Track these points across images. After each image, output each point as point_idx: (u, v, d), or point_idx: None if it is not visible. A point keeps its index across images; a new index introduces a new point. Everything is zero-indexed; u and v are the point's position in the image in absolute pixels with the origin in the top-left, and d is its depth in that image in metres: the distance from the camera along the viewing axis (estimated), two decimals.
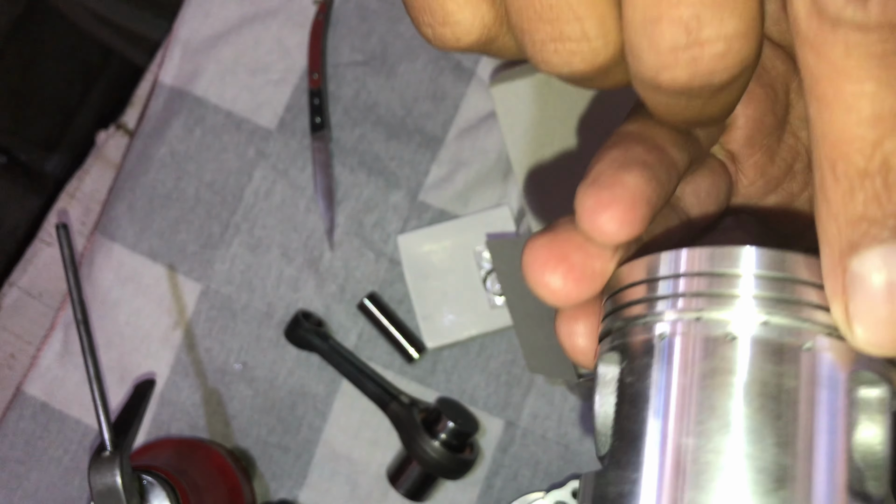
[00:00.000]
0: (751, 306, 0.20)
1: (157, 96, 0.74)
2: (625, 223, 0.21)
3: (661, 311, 0.21)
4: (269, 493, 0.68)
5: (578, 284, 0.23)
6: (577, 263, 0.22)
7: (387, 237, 0.71)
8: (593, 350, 0.24)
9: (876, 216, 0.17)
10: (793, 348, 0.19)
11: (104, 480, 0.52)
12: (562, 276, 0.22)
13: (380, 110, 0.73)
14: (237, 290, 0.71)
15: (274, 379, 0.69)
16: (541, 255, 0.23)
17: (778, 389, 0.19)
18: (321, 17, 0.74)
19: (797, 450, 0.18)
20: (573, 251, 0.22)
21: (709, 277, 0.20)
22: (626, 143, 0.23)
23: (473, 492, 0.67)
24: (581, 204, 0.22)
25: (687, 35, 0.17)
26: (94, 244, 0.73)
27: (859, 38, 0.15)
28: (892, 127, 0.16)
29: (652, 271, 0.22)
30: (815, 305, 0.19)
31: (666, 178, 0.23)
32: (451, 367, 0.69)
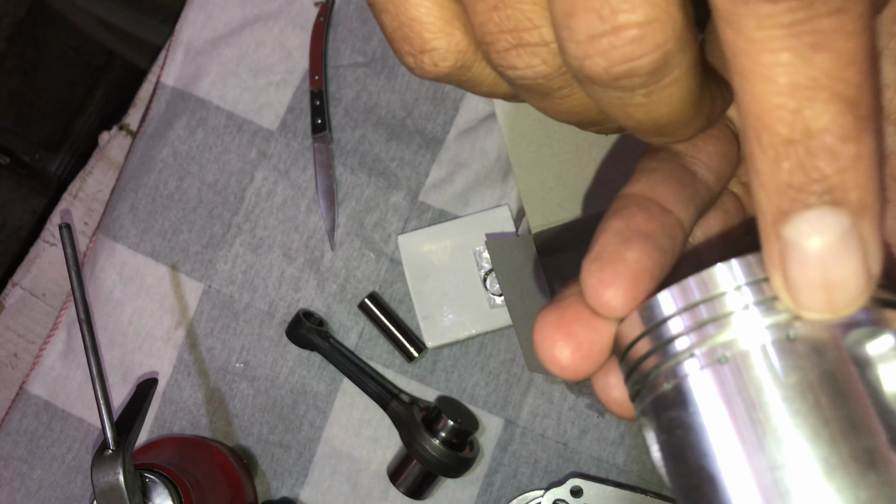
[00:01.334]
0: (747, 317, 0.19)
1: (159, 98, 0.75)
2: (628, 299, 0.22)
3: (671, 356, 0.21)
4: (270, 491, 0.69)
5: (586, 360, 0.23)
6: (585, 341, 0.23)
7: (387, 237, 0.71)
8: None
9: (802, 183, 0.17)
10: (791, 341, 0.19)
11: (107, 478, 0.52)
12: (570, 352, 0.23)
13: (380, 111, 0.73)
14: (239, 289, 0.71)
15: (275, 378, 0.70)
16: (549, 331, 0.23)
17: (806, 385, 0.18)
18: (322, 18, 0.74)
19: (848, 432, 0.18)
20: (580, 329, 0.23)
21: (695, 308, 0.20)
22: (629, 212, 0.24)
23: (473, 490, 0.68)
24: (586, 282, 0.22)
25: (601, 23, 0.17)
26: (96, 244, 0.73)
27: (769, 9, 0.16)
28: (809, 95, 0.16)
29: (647, 321, 0.22)
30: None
31: (670, 244, 0.23)
32: (450, 366, 0.69)
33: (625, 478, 0.67)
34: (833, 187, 0.17)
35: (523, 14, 0.19)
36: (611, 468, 0.67)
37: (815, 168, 0.17)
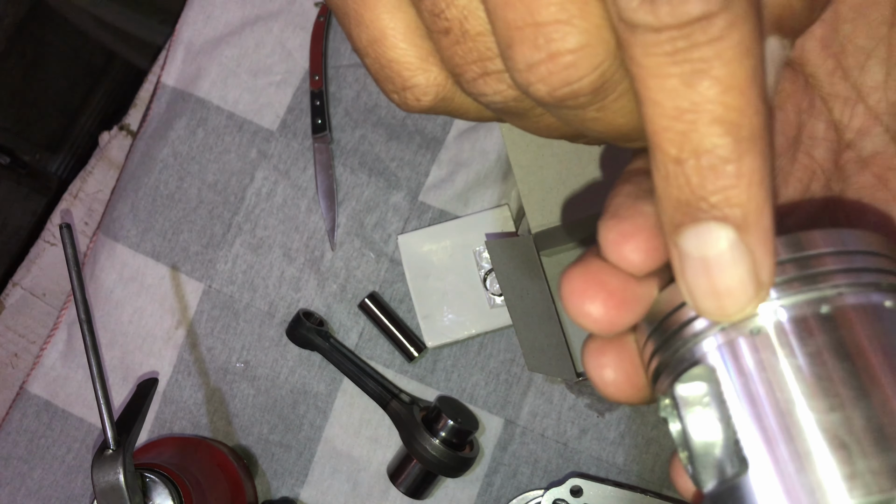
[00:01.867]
0: (834, 281, 0.20)
1: (159, 98, 0.75)
2: (650, 251, 0.22)
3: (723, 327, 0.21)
4: (270, 491, 0.69)
5: (620, 310, 0.23)
6: (617, 288, 0.23)
7: (387, 237, 0.71)
8: (621, 382, 0.24)
9: (690, 199, 0.18)
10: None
11: (107, 478, 0.52)
12: (602, 302, 0.22)
13: (380, 112, 0.73)
14: (239, 289, 0.71)
15: (275, 378, 0.70)
16: (578, 284, 0.23)
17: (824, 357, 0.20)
18: (322, 18, 0.74)
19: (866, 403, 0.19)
20: (610, 277, 0.23)
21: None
22: (637, 178, 0.24)
23: (473, 489, 0.68)
24: (605, 237, 0.22)
25: (537, 52, 0.19)
26: (97, 244, 0.73)
27: (653, 38, 0.17)
28: (692, 119, 0.18)
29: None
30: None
31: None
32: (450, 365, 0.69)
33: (624, 477, 0.67)
34: (718, 204, 0.18)
35: (483, 45, 0.21)
36: (610, 468, 0.67)
37: (700, 186, 0.18)
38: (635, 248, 0.22)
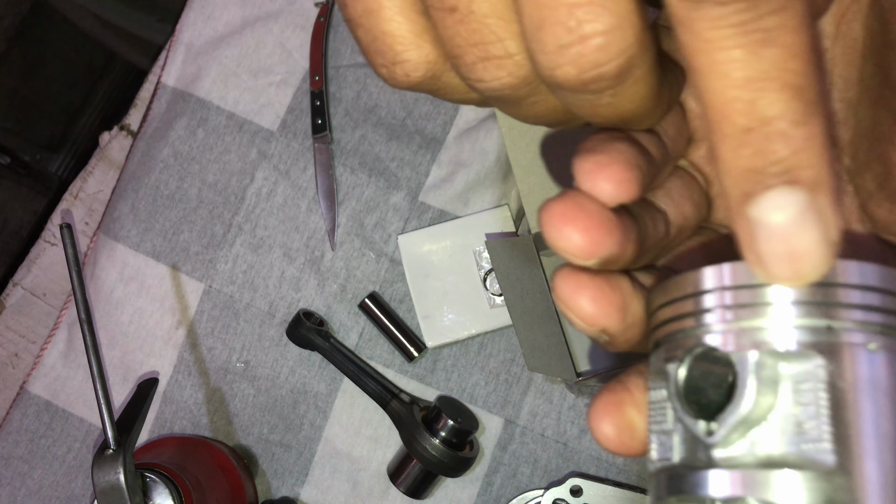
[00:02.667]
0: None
1: (159, 98, 0.75)
2: (623, 182, 0.23)
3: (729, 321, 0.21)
4: (270, 491, 0.69)
5: (599, 231, 0.23)
6: (595, 211, 0.23)
7: (387, 237, 0.71)
8: (600, 314, 0.25)
9: (761, 166, 0.19)
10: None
11: (107, 478, 0.52)
12: (582, 225, 0.23)
13: (380, 112, 0.73)
14: (239, 289, 0.71)
15: (276, 377, 0.70)
16: (557, 209, 0.23)
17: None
18: (322, 19, 0.74)
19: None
20: (588, 202, 0.23)
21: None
22: (606, 132, 0.25)
23: (473, 489, 0.68)
24: (580, 168, 0.23)
25: (568, 34, 0.19)
26: (97, 244, 0.73)
27: (719, 12, 0.17)
28: (762, 86, 0.18)
29: (717, 281, 0.22)
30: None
31: (647, 157, 0.25)
32: (450, 365, 0.69)
33: (624, 477, 0.67)
34: (789, 168, 0.18)
35: (488, 28, 0.21)
36: (610, 467, 0.67)
37: (771, 152, 0.18)
38: (609, 177, 0.23)
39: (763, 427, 0.21)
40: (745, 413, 0.21)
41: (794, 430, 0.20)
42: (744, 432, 0.21)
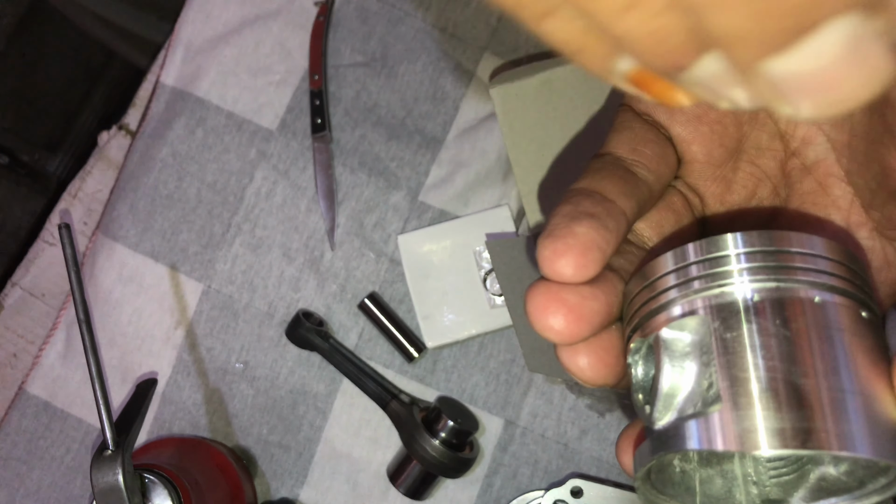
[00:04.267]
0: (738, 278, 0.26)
1: (158, 97, 0.75)
2: (578, 267, 0.26)
3: (737, 281, 0.25)
4: (270, 492, 0.69)
5: (578, 323, 0.26)
6: (575, 304, 0.26)
7: (387, 237, 0.71)
8: (595, 365, 0.28)
9: None
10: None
11: (106, 479, 0.52)
12: (563, 317, 0.26)
13: (380, 111, 0.73)
14: (238, 289, 0.71)
15: (275, 378, 0.70)
16: (541, 300, 0.26)
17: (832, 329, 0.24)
18: (322, 18, 0.74)
19: (783, 365, 0.24)
20: (569, 294, 0.26)
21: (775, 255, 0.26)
22: (577, 199, 0.28)
23: (473, 490, 0.68)
24: (541, 254, 0.26)
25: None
26: (96, 244, 0.73)
27: None
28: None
29: (676, 262, 0.27)
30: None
31: (614, 225, 0.27)
32: (450, 366, 0.69)
33: (625, 478, 0.67)
34: None
35: None
36: (611, 468, 0.67)
37: None
38: (566, 263, 0.26)
39: (686, 390, 0.26)
40: (663, 389, 0.26)
41: (704, 387, 0.25)
42: (669, 403, 0.26)
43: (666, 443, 0.25)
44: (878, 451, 0.23)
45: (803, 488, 0.28)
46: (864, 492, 0.27)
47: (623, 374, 0.29)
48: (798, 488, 0.28)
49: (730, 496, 0.29)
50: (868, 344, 0.25)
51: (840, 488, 0.27)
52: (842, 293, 0.25)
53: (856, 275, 0.26)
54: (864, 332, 0.25)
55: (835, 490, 0.28)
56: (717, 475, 0.29)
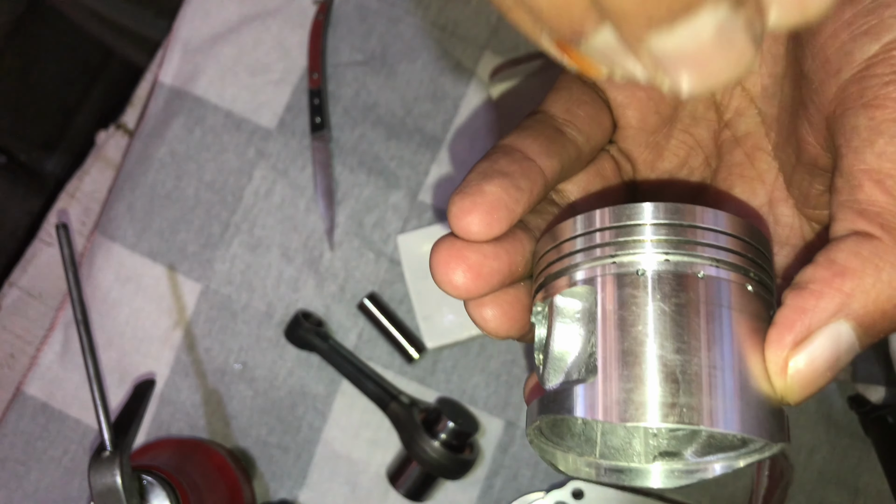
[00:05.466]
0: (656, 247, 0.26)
1: (156, 96, 0.74)
2: (484, 225, 0.27)
3: (640, 252, 0.26)
4: (269, 493, 0.68)
5: (477, 280, 0.27)
6: (474, 263, 0.27)
7: (387, 237, 0.71)
8: (500, 317, 0.29)
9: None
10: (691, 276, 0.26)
11: (104, 480, 0.52)
12: (462, 272, 0.27)
13: (380, 110, 0.73)
14: (237, 290, 0.71)
15: (274, 379, 0.69)
16: (443, 256, 0.27)
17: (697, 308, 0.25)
18: (321, 17, 0.74)
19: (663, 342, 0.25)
20: (470, 252, 0.27)
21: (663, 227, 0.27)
22: (495, 156, 0.29)
23: (473, 492, 0.67)
24: (450, 210, 0.27)
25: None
26: (93, 244, 0.73)
27: None
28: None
29: (616, 219, 0.27)
30: (704, 244, 0.26)
31: (527, 185, 0.28)
32: (451, 367, 0.69)
33: None
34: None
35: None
36: None
37: None
38: (472, 220, 0.27)
39: (573, 356, 0.27)
40: (554, 353, 0.27)
41: (588, 355, 0.26)
42: (558, 366, 0.27)
43: (550, 406, 0.26)
44: (745, 427, 0.24)
45: (696, 443, 0.30)
46: (747, 450, 0.28)
47: (527, 327, 0.30)
48: (692, 443, 0.30)
49: (629, 448, 0.30)
50: (750, 319, 0.26)
51: (727, 445, 0.29)
52: (731, 268, 0.26)
53: (752, 249, 0.27)
54: (748, 308, 0.26)
55: (722, 447, 0.29)
56: (619, 427, 0.30)
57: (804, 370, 0.25)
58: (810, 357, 0.24)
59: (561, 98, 0.32)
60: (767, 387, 0.25)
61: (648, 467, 0.30)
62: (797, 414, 0.67)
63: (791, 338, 0.25)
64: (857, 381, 0.62)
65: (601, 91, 0.33)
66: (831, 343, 0.24)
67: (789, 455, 0.67)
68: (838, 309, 0.24)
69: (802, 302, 0.25)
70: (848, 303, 0.24)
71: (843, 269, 0.24)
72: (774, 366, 0.25)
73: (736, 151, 0.33)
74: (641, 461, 0.30)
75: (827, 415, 0.67)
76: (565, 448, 0.30)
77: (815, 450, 0.67)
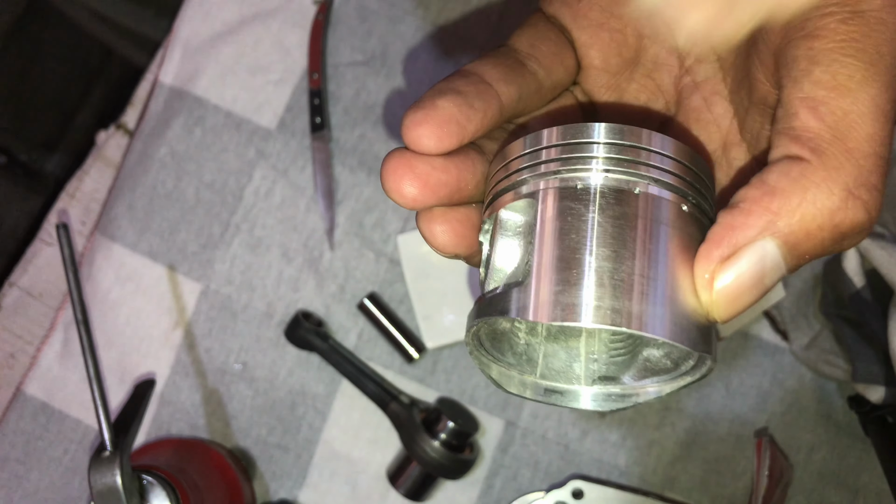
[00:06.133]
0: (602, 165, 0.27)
1: (157, 96, 0.74)
2: (433, 138, 0.28)
3: (581, 168, 0.27)
4: (269, 493, 0.68)
5: (424, 190, 0.28)
6: (422, 173, 0.28)
7: (387, 237, 0.71)
8: (449, 235, 0.30)
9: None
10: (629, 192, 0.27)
11: (104, 480, 0.52)
12: (410, 181, 0.28)
13: (379, 110, 0.73)
14: (237, 290, 0.71)
15: (274, 379, 0.69)
16: (393, 164, 0.28)
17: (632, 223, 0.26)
18: (321, 17, 0.74)
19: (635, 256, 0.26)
20: (420, 162, 0.28)
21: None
22: (453, 77, 0.30)
23: (473, 492, 0.67)
24: (403, 122, 0.28)
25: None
26: (94, 244, 0.73)
27: None
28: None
29: (565, 137, 0.28)
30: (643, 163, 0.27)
31: (481, 105, 0.29)
32: (451, 367, 0.69)
33: (626, 479, 0.67)
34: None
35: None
36: (612, 470, 0.67)
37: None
38: (421, 133, 0.28)
39: (513, 265, 0.29)
40: (495, 263, 0.29)
41: (525, 263, 0.27)
42: (499, 276, 0.29)
43: (485, 309, 0.27)
44: (671, 334, 0.25)
45: (633, 367, 0.31)
46: (678, 372, 0.29)
47: (475, 247, 0.31)
48: (629, 367, 0.31)
49: (570, 370, 0.32)
50: (682, 236, 0.27)
51: (661, 369, 0.30)
52: (670, 188, 0.27)
53: (692, 175, 0.28)
54: (683, 227, 0.27)
55: (657, 371, 0.30)
56: (561, 350, 0.32)
57: (730, 285, 0.25)
58: (736, 273, 0.25)
59: (525, 34, 0.33)
60: (695, 302, 0.26)
61: (585, 389, 0.31)
62: (797, 414, 0.67)
63: (718, 252, 0.25)
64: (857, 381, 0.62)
65: (567, 31, 0.34)
66: (757, 260, 0.25)
67: (789, 455, 0.67)
68: (765, 227, 0.25)
69: (732, 219, 0.25)
70: (775, 221, 0.25)
71: (773, 189, 0.25)
72: (701, 280, 0.26)
73: (694, 96, 0.34)
74: (581, 384, 0.31)
75: (827, 415, 0.67)
76: (506, 365, 0.31)
77: (815, 450, 0.67)
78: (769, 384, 0.68)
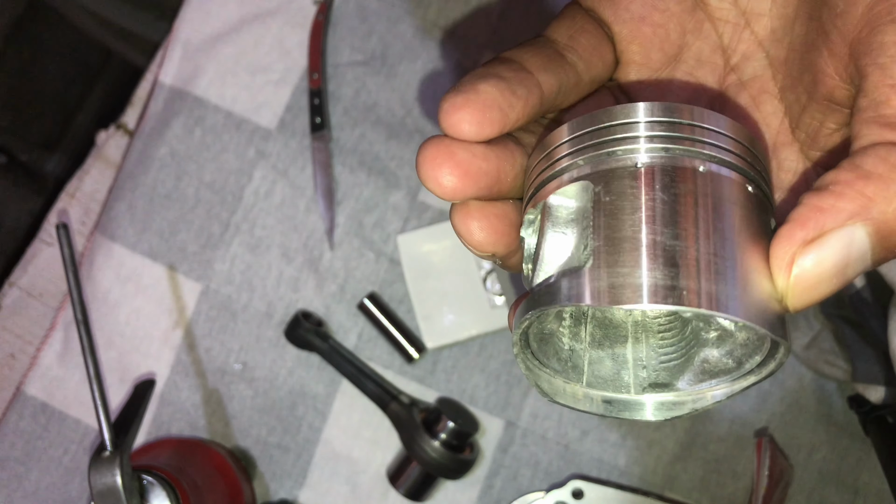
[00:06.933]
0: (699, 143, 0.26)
1: (156, 96, 0.74)
2: (474, 123, 0.26)
3: (635, 148, 0.25)
4: (269, 493, 0.68)
5: (464, 179, 0.27)
6: (463, 160, 0.26)
7: (387, 237, 0.71)
8: (487, 233, 0.28)
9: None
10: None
11: (104, 480, 0.52)
12: (449, 170, 0.26)
13: (380, 110, 0.73)
14: (237, 290, 0.71)
15: (274, 379, 0.69)
16: (431, 152, 0.26)
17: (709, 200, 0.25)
18: (321, 17, 0.74)
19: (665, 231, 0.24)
20: (459, 149, 0.26)
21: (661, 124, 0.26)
22: (493, 63, 0.28)
23: (473, 492, 0.67)
24: (441, 106, 0.26)
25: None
26: (94, 244, 0.73)
27: None
28: None
29: (620, 117, 0.26)
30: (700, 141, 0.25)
31: (524, 92, 0.27)
32: (451, 367, 0.69)
33: (626, 479, 0.67)
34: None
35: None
36: (612, 470, 0.67)
37: None
38: (462, 118, 0.26)
39: (565, 254, 0.27)
40: (544, 254, 0.27)
41: (581, 249, 0.25)
42: (549, 266, 0.27)
43: (539, 301, 0.25)
44: (749, 315, 0.23)
45: (689, 371, 0.29)
46: (741, 372, 0.27)
47: (513, 246, 0.29)
48: (684, 372, 0.29)
49: (618, 378, 0.30)
50: (750, 217, 0.25)
51: (722, 370, 0.28)
52: (732, 167, 0.25)
53: (750, 153, 0.26)
54: (748, 206, 0.25)
55: (717, 373, 0.28)
56: (607, 357, 0.30)
57: (810, 270, 0.23)
58: (818, 258, 0.23)
59: (563, 25, 0.32)
60: (769, 286, 0.24)
61: (640, 398, 0.29)
62: (797, 414, 0.67)
63: (802, 234, 0.23)
64: (857, 381, 0.62)
65: (606, 25, 0.32)
66: (843, 246, 0.23)
67: (789, 455, 0.67)
68: (857, 211, 0.23)
69: (820, 201, 0.23)
70: (868, 206, 0.23)
71: (869, 173, 0.23)
72: (780, 261, 0.24)
73: (741, 95, 0.33)
74: (631, 393, 0.29)
75: (827, 415, 0.67)
76: (551, 372, 0.29)
77: (815, 450, 0.67)
78: (769, 384, 0.68)
